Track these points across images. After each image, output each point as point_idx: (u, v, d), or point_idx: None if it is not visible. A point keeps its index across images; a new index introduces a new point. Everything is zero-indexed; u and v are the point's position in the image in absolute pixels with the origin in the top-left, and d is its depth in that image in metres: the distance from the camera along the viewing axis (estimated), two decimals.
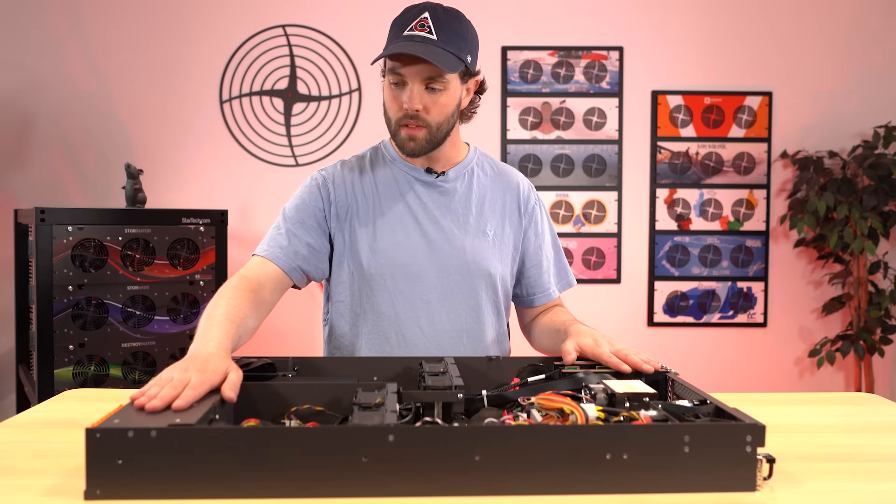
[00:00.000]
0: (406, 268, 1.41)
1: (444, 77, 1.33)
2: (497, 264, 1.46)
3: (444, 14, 1.34)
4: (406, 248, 1.42)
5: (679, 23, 3.23)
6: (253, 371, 1.14)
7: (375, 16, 3.18)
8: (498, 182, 1.51)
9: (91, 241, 2.38)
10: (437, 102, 1.35)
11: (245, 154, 3.18)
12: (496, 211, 1.48)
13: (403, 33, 1.32)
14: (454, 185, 1.47)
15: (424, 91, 1.33)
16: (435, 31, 1.31)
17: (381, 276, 1.41)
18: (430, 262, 1.42)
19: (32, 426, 1.11)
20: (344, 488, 0.80)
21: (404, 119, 1.35)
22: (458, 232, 1.44)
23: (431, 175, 1.46)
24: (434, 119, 1.36)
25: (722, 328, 3.29)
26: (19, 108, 3.11)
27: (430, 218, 1.44)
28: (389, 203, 1.44)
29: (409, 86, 1.33)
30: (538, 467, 0.82)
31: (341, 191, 1.45)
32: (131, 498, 0.79)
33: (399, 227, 1.43)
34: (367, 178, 1.47)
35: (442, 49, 1.30)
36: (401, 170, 1.47)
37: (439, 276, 1.42)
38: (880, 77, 3.26)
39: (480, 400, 1.08)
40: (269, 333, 3.21)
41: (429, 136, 1.37)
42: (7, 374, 3.09)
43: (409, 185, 1.46)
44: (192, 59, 3.15)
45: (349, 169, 1.49)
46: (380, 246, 1.42)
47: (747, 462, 0.83)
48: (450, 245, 1.43)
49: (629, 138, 3.25)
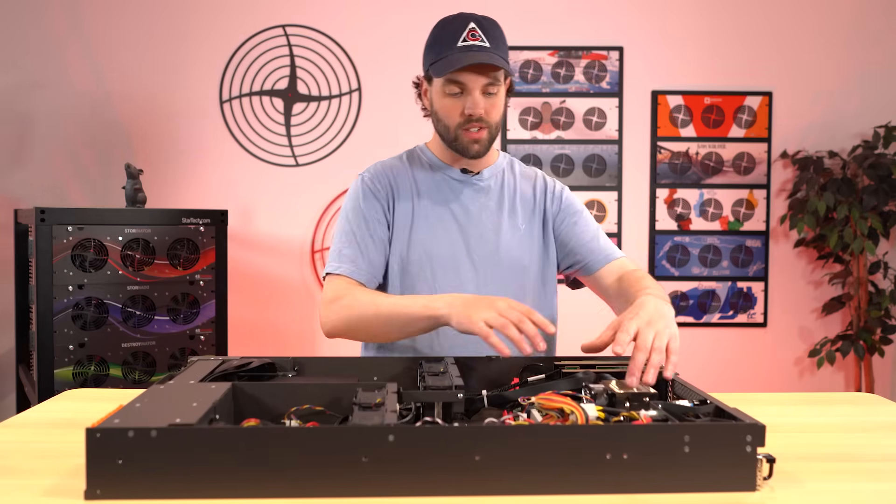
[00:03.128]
0: (444, 260, 1.49)
1: (499, 80, 1.43)
2: (530, 256, 1.53)
3: (486, 23, 1.44)
4: (444, 240, 1.50)
5: (679, 23, 3.23)
6: (253, 371, 1.14)
7: (375, 15, 3.18)
8: (524, 180, 1.60)
9: (91, 241, 2.38)
10: (495, 105, 1.45)
11: (245, 154, 3.18)
12: (526, 206, 1.57)
13: (458, 45, 1.40)
14: (488, 184, 1.56)
15: (482, 95, 1.43)
16: (486, 39, 1.41)
17: (422, 269, 1.48)
18: (466, 254, 1.50)
19: (32, 426, 1.11)
20: (344, 488, 0.80)
21: (466, 124, 1.44)
22: (492, 227, 1.52)
23: (467, 174, 1.54)
24: (493, 119, 1.46)
25: (722, 328, 3.29)
26: (19, 108, 3.11)
27: (467, 214, 1.52)
28: (428, 199, 1.53)
29: (472, 93, 1.42)
30: (538, 467, 0.82)
31: (386, 186, 1.53)
32: (131, 498, 0.79)
33: (437, 221, 1.51)
34: (406, 176, 1.55)
35: (497, 55, 1.41)
36: (438, 170, 1.56)
37: (476, 268, 1.50)
38: (880, 77, 3.26)
39: (480, 400, 1.08)
40: (269, 333, 3.21)
41: (489, 137, 1.47)
42: (7, 374, 3.09)
43: (447, 184, 1.54)
44: (192, 59, 3.15)
45: (389, 167, 1.56)
46: (420, 240, 1.49)
47: (747, 462, 0.83)
48: (485, 239, 1.51)
49: (629, 138, 3.25)
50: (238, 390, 1.02)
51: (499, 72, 1.42)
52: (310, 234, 3.19)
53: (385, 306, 1.35)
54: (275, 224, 3.19)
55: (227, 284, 2.62)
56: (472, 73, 1.40)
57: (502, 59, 1.42)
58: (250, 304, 3.16)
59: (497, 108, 1.46)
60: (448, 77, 1.41)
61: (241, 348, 3.12)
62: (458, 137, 1.46)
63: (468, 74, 1.40)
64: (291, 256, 3.20)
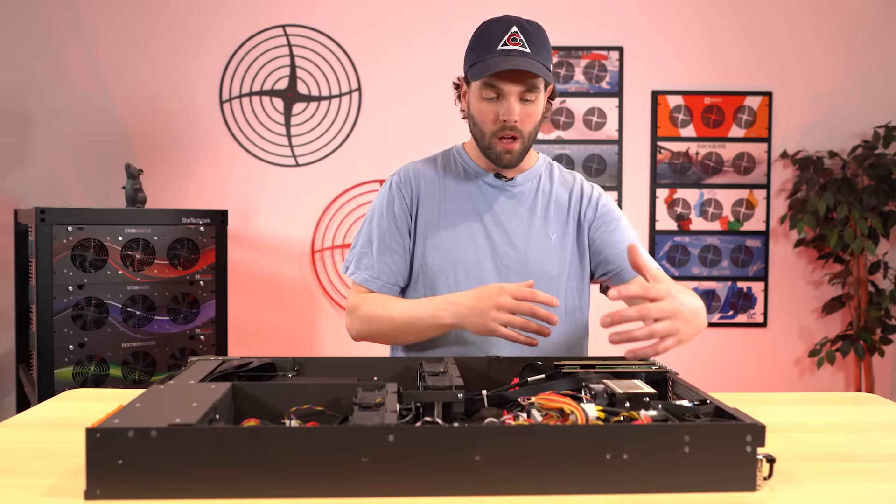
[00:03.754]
0: (468, 267, 1.47)
1: (538, 87, 1.39)
2: (559, 265, 1.49)
3: (530, 27, 1.40)
4: (469, 247, 1.47)
5: (679, 23, 3.23)
6: (253, 371, 1.14)
7: (375, 16, 3.18)
8: (562, 187, 1.56)
9: (91, 241, 2.38)
10: (531, 114, 1.41)
11: (245, 154, 3.18)
12: (561, 213, 1.53)
13: (497, 48, 1.36)
14: (521, 190, 1.53)
15: (519, 102, 1.39)
16: (528, 44, 1.37)
17: (445, 273, 1.47)
18: (491, 261, 1.47)
19: (32, 426, 1.11)
20: (344, 488, 0.80)
21: (500, 131, 1.41)
22: (521, 234, 1.49)
23: (500, 180, 1.52)
24: (527, 129, 1.43)
25: (722, 328, 3.29)
26: (19, 108, 3.11)
27: (496, 220, 1.49)
28: (456, 203, 1.50)
29: (507, 99, 1.38)
30: (538, 467, 0.82)
31: (412, 191, 1.52)
32: (131, 498, 0.79)
33: (464, 226, 1.48)
34: (436, 179, 1.53)
35: (538, 62, 1.36)
36: (471, 173, 1.53)
37: (500, 275, 1.47)
38: (880, 77, 3.26)
39: (480, 400, 1.08)
40: (269, 333, 3.21)
41: (522, 147, 1.44)
42: (7, 374, 3.09)
43: (478, 188, 1.52)
44: (192, 59, 3.15)
45: (418, 170, 1.55)
46: (444, 243, 1.48)
47: (747, 462, 0.83)
48: (512, 247, 1.48)
49: (629, 138, 3.25)
50: (238, 390, 1.02)
51: (538, 79, 1.38)
52: (310, 234, 3.19)
53: (397, 317, 1.39)
54: (275, 224, 3.19)
55: (227, 284, 2.62)
56: (510, 80, 1.36)
57: (543, 65, 1.37)
58: (250, 304, 3.16)
59: (532, 117, 1.42)
60: (485, 81, 1.38)
61: (241, 348, 3.12)
62: (492, 145, 1.44)
63: (506, 80, 1.36)
64: (291, 256, 3.20)
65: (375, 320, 1.43)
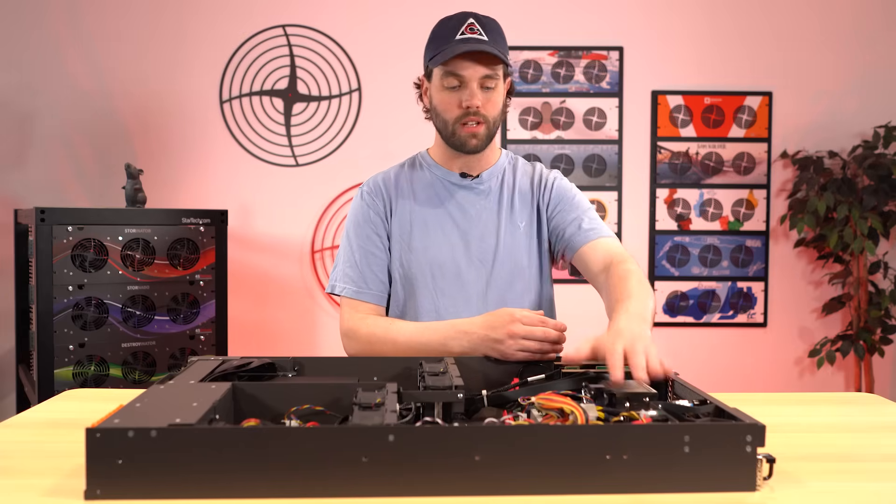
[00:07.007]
0: (444, 266, 1.49)
1: (497, 74, 1.43)
2: (528, 254, 1.53)
3: (485, 19, 1.45)
4: (444, 246, 1.50)
5: (679, 23, 3.23)
6: (253, 371, 1.14)
7: (375, 16, 3.18)
8: (525, 177, 1.59)
9: (91, 241, 2.38)
10: (492, 99, 1.45)
11: (245, 154, 3.18)
12: (525, 203, 1.56)
13: (455, 38, 1.40)
14: (488, 186, 1.55)
15: (480, 89, 1.43)
16: (485, 33, 1.41)
17: (423, 274, 1.49)
18: (467, 259, 1.50)
19: (32, 426, 1.11)
20: (344, 488, 0.80)
21: (464, 117, 1.44)
22: (492, 228, 1.52)
23: (466, 178, 1.54)
24: (491, 114, 1.46)
25: (722, 328, 3.29)
26: (19, 108, 3.11)
27: (466, 217, 1.52)
28: (427, 205, 1.53)
29: (468, 85, 1.42)
30: (538, 467, 0.82)
31: (382, 198, 1.54)
32: (131, 498, 0.79)
33: (436, 227, 1.51)
34: (405, 183, 1.56)
35: (496, 49, 1.41)
36: (437, 175, 1.56)
37: (477, 272, 1.50)
38: (880, 77, 3.26)
39: (480, 400, 1.08)
40: (269, 333, 3.21)
41: (487, 132, 1.47)
42: (7, 374, 3.09)
43: (445, 189, 1.54)
44: (192, 59, 3.15)
45: (386, 177, 1.58)
46: (419, 246, 1.50)
47: (747, 462, 0.83)
48: (485, 241, 1.52)
49: (629, 138, 3.25)
50: (238, 390, 1.02)
51: (497, 66, 1.42)
52: (310, 234, 3.19)
53: (402, 341, 1.38)
54: (275, 224, 3.19)
55: (227, 284, 2.62)
56: (469, 63, 1.40)
57: (500, 52, 1.41)
58: (250, 304, 3.16)
59: (494, 103, 1.45)
60: (446, 69, 1.41)
61: (241, 348, 3.12)
62: (456, 132, 1.46)
63: (466, 64, 1.40)
64: (291, 256, 3.20)
65: (378, 343, 1.41)
